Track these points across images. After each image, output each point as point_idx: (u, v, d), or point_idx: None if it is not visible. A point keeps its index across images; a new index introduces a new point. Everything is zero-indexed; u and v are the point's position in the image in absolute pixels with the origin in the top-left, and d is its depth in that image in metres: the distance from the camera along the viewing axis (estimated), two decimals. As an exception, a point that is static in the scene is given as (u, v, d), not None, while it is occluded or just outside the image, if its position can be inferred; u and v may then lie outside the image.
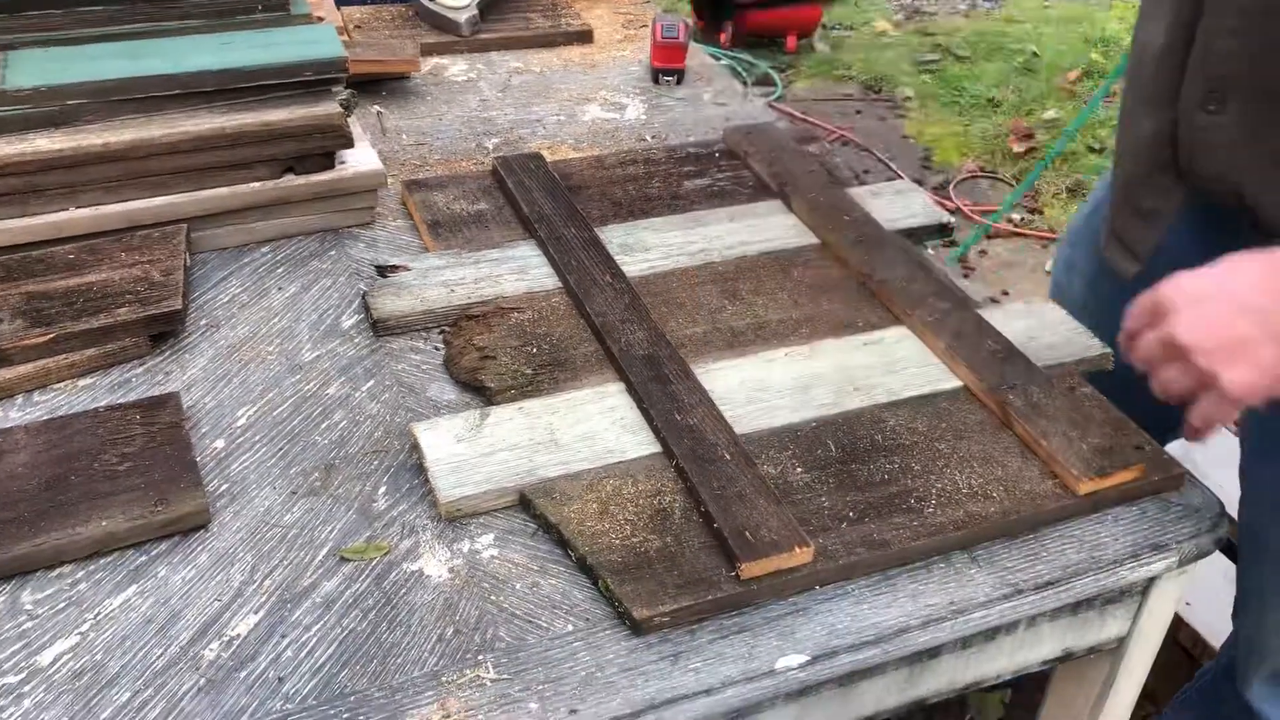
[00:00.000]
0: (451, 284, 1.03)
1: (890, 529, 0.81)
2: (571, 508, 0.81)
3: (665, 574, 0.76)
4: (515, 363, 0.95)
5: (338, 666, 0.73)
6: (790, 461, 0.87)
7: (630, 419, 0.89)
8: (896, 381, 0.95)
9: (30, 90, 1.03)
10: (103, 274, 1.00)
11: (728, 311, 1.03)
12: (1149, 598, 0.88)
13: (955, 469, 0.87)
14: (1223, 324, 0.76)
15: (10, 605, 0.76)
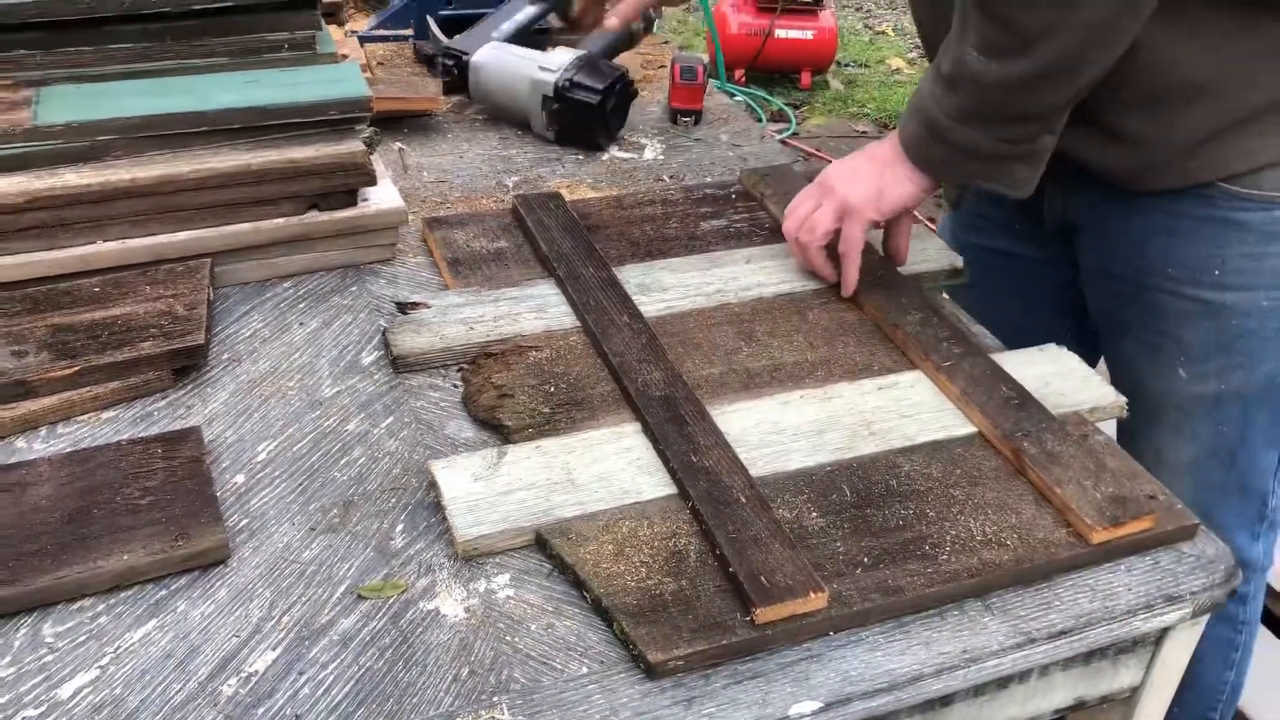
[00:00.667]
0: (471, 321, 1.04)
1: (905, 575, 0.82)
2: (587, 549, 0.82)
3: (680, 617, 0.77)
4: (533, 401, 0.96)
5: (354, 705, 0.73)
6: (805, 505, 0.87)
7: (646, 459, 0.90)
8: (911, 426, 0.96)
9: (61, 126, 1.04)
10: (127, 307, 1.02)
11: (744, 353, 1.04)
12: (1162, 648, 0.88)
13: (969, 516, 0.87)
14: (851, 167, 1.10)
15: (32, 638, 0.77)
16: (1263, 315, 1.12)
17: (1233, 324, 1.13)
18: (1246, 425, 1.19)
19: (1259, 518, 1.27)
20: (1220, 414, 1.18)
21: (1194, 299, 1.14)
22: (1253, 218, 1.08)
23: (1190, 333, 1.16)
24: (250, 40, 1.18)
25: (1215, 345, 1.15)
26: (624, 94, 1.39)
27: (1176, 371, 1.17)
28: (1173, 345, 1.17)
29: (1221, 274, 1.11)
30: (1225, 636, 1.35)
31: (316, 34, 1.21)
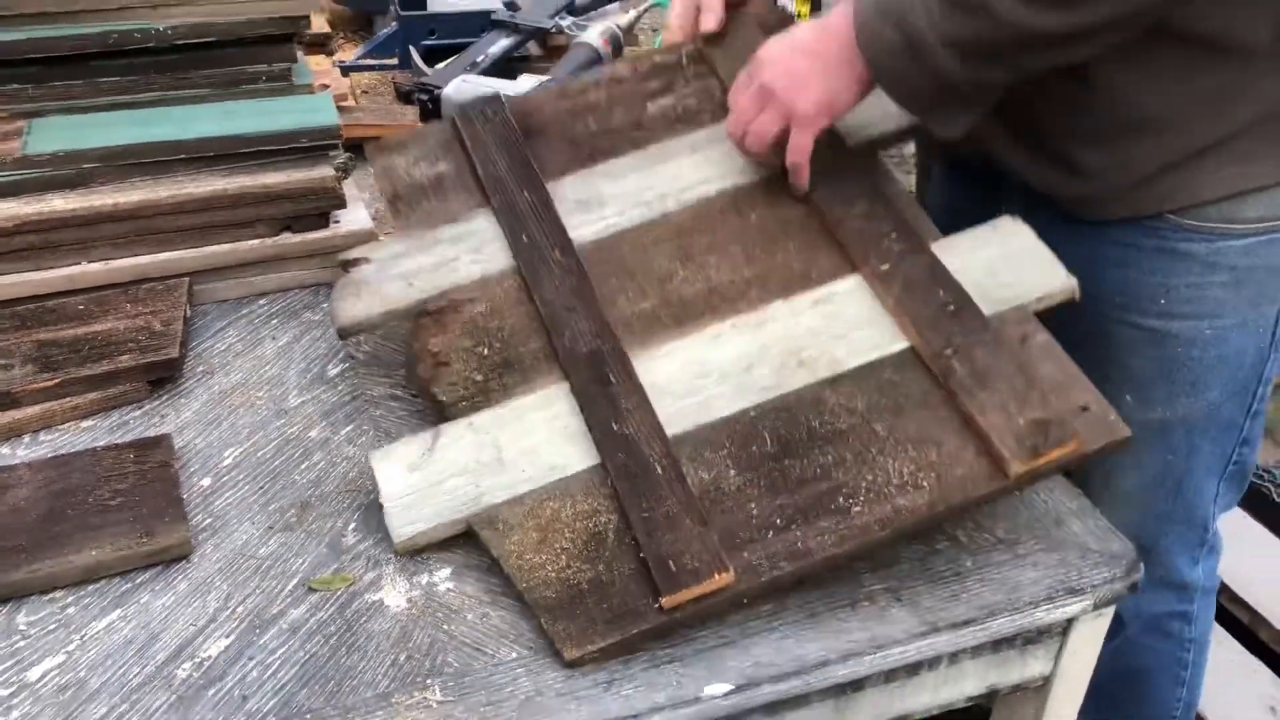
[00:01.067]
0: (409, 276, 1.03)
1: (815, 535, 0.85)
2: (512, 539, 0.86)
3: (595, 607, 0.82)
4: (467, 368, 0.98)
5: (298, 686, 0.80)
6: (724, 463, 0.90)
7: (572, 427, 0.92)
8: (842, 349, 0.95)
9: (49, 155, 1.12)
10: (108, 323, 1.09)
11: (678, 278, 1.01)
12: (1069, 639, 0.93)
13: (889, 455, 0.89)
14: (792, 67, 1.02)
15: (6, 625, 0.83)
16: (1206, 343, 1.14)
17: (1178, 352, 1.15)
18: (1191, 453, 1.21)
19: (1200, 543, 1.30)
20: (1166, 442, 1.20)
21: (1140, 327, 1.15)
22: (1197, 248, 1.10)
23: (1137, 360, 1.18)
24: (230, 73, 1.25)
25: (1161, 373, 1.17)
26: (587, 120, 1.46)
27: (1124, 399, 1.18)
28: (1120, 373, 1.19)
29: (1167, 303, 1.13)
30: (1174, 655, 1.38)
31: (293, 66, 1.28)
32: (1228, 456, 1.23)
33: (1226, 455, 1.23)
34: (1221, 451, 1.23)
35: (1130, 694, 1.41)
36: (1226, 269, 1.09)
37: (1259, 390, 1.18)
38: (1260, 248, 1.08)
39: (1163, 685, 1.41)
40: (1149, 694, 1.41)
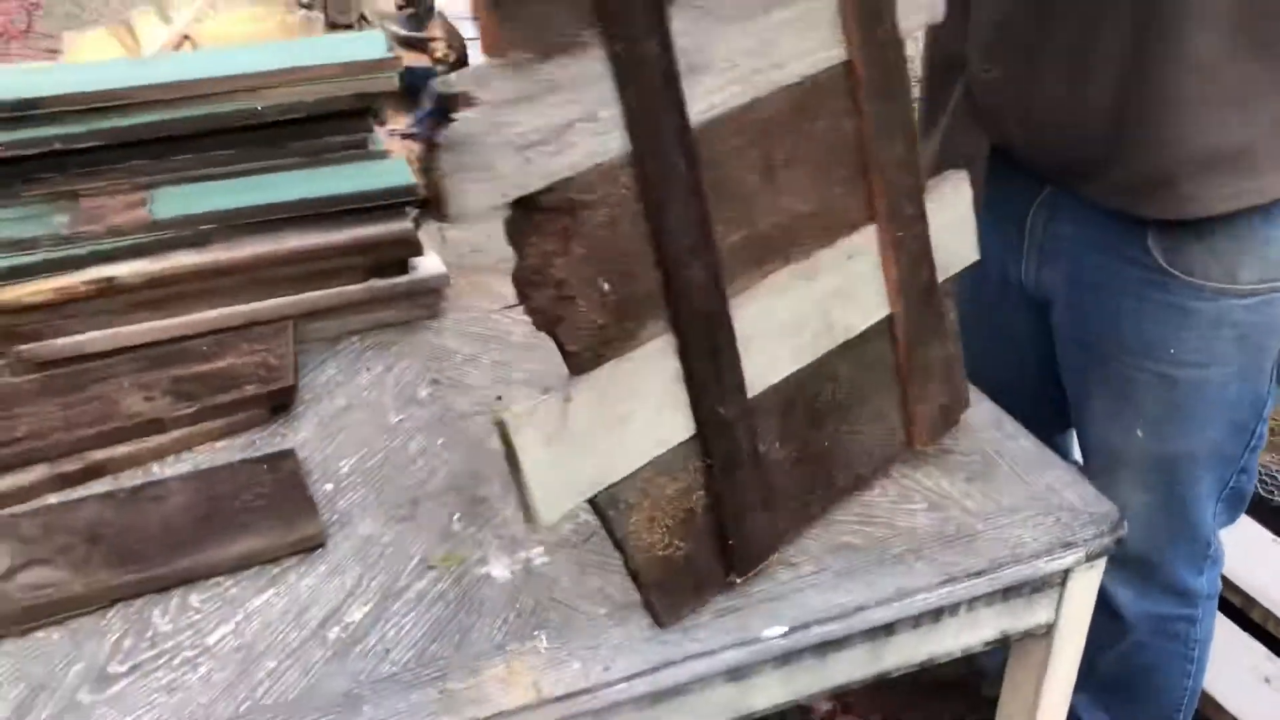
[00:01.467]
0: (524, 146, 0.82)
1: (819, 504, 1.04)
2: (632, 520, 0.92)
3: (685, 581, 0.96)
4: (590, 308, 0.87)
5: (429, 641, 0.96)
6: (774, 432, 0.98)
7: (677, 394, 0.91)
8: (853, 314, 1.01)
9: (171, 219, 1.31)
10: (230, 360, 1.27)
11: (759, 201, 0.95)
12: (1067, 588, 1.10)
13: (861, 430, 1.05)
14: None
15: (181, 604, 1.00)
16: (1211, 388, 1.28)
17: (1184, 395, 1.29)
18: (1194, 482, 1.36)
19: (1202, 556, 1.45)
20: (1173, 473, 1.35)
21: (1153, 372, 1.29)
22: (1205, 306, 1.24)
23: (1148, 401, 1.31)
24: (316, 144, 1.44)
25: (1170, 413, 1.31)
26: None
27: (1135, 433, 1.32)
28: (1132, 411, 1.32)
29: (1177, 353, 1.26)
30: (1180, 653, 1.53)
31: (368, 136, 1.48)
32: (1225, 483, 1.38)
33: (1224, 483, 1.38)
34: (1220, 479, 1.37)
35: (1140, 686, 1.55)
36: (1229, 325, 1.24)
37: (1258, 428, 1.33)
38: (1261, 307, 1.23)
39: (1172, 679, 1.55)
40: (1160, 685, 1.55)
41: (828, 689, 1.05)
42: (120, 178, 1.37)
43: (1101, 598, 1.45)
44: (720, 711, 1.01)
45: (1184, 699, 1.58)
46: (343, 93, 1.42)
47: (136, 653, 0.95)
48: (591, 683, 0.92)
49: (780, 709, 1.04)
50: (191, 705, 0.90)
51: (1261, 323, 1.26)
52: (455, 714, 0.90)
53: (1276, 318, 1.26)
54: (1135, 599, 1.48)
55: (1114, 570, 1.43)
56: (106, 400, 1.20)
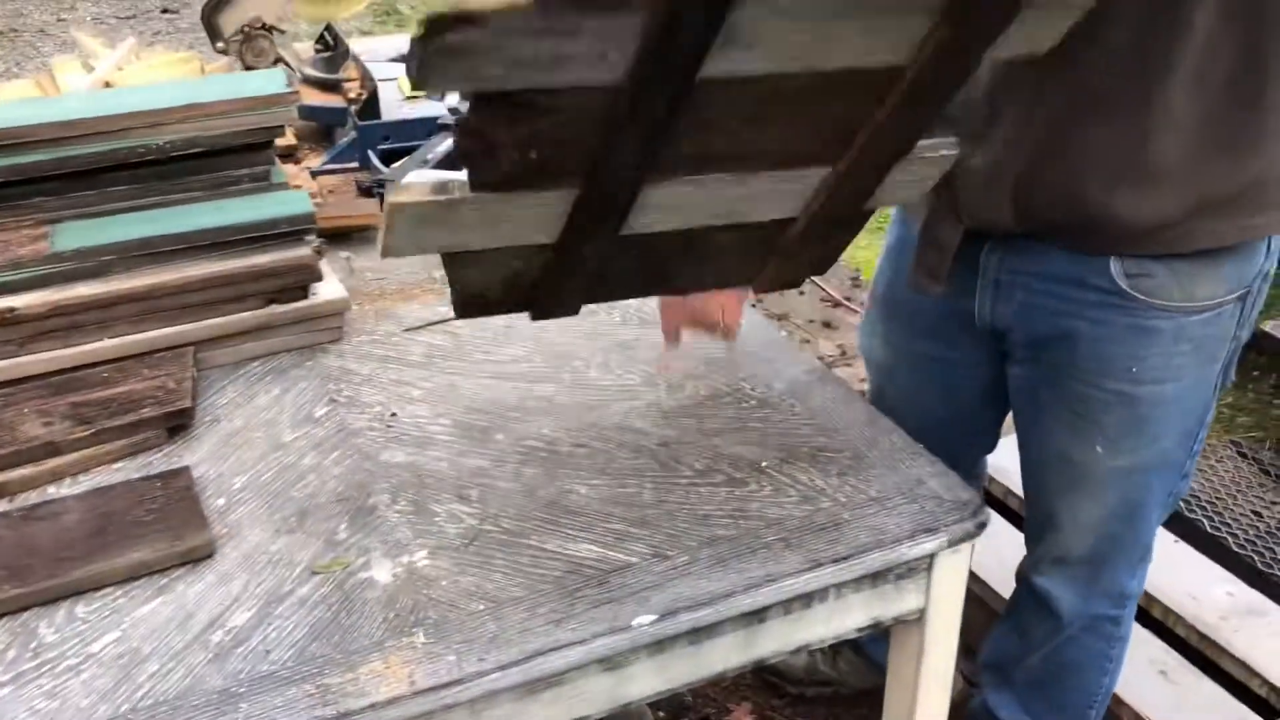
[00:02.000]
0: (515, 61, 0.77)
1: None
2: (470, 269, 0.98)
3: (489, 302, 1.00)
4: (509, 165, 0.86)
5: (309, 641, 0.99)
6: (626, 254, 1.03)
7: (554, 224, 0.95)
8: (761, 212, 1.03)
9: (72, 251, 1.34)
10: (129, 385, 1.30)
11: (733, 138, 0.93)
12: (934, 574, 1.15)
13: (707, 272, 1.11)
14: None
15: (68, 615, 1.03)
16: (1169, 402, 1.32)
17: (1144, 411, 1.31)
18: (1146, 490, 1.41)
19: (1141, 559, 1.51)
20: (1129, 483, 1.39)
21: (1113, 391, 1.30)
22: (1165, 325, 1.25)
23: (1108, 418, 1.32)
24: (218, 177, 1.48)
25: (1130, 428, 1.33)
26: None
27: (1094, 449, 1.35)
28: (1091, 427, 1.34)
29: (1139, 371, 1.28)
30: (1102, 650, 1.58)
31: (270, 169, 1.52)
32: (1170, 489, 1.43)
33: (1169, 488, 1.43)
34: (1167, 486, 1.42)
35: (1060, 685, 1.61)
36: (1188, 340, 1.27)
37: (1199, 433, 1.39)
38: (1214, 320, 1.27)
39: (1090, 676, 1.61)
40: (1078, 684, 1.61)
41: (704, 677, 1.09)
42: (22, 213, 1.41)
43: (1043, 599, 1.52)
44: (598, 702, 1.04)
45: (1099, 695, 1.63)
46: (242, 127, 1.47)
47: (19, 663, 0.98)
48: (465, 673, 0.96)
49: (661, 697, 1.08)
50: (70, 710, 0.93)
51: (1213, 335, 1.29)
52: (331, 708, 0.93)
53: (1226, 328, 1.30)
54: (1076, 601, 1.52)
55: (1058, 574, 1.50)
56: (4, 426, 1.23)
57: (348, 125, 2.04)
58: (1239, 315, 1.30)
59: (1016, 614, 1.63)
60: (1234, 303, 1.28)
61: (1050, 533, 1.48)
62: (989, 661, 1.72)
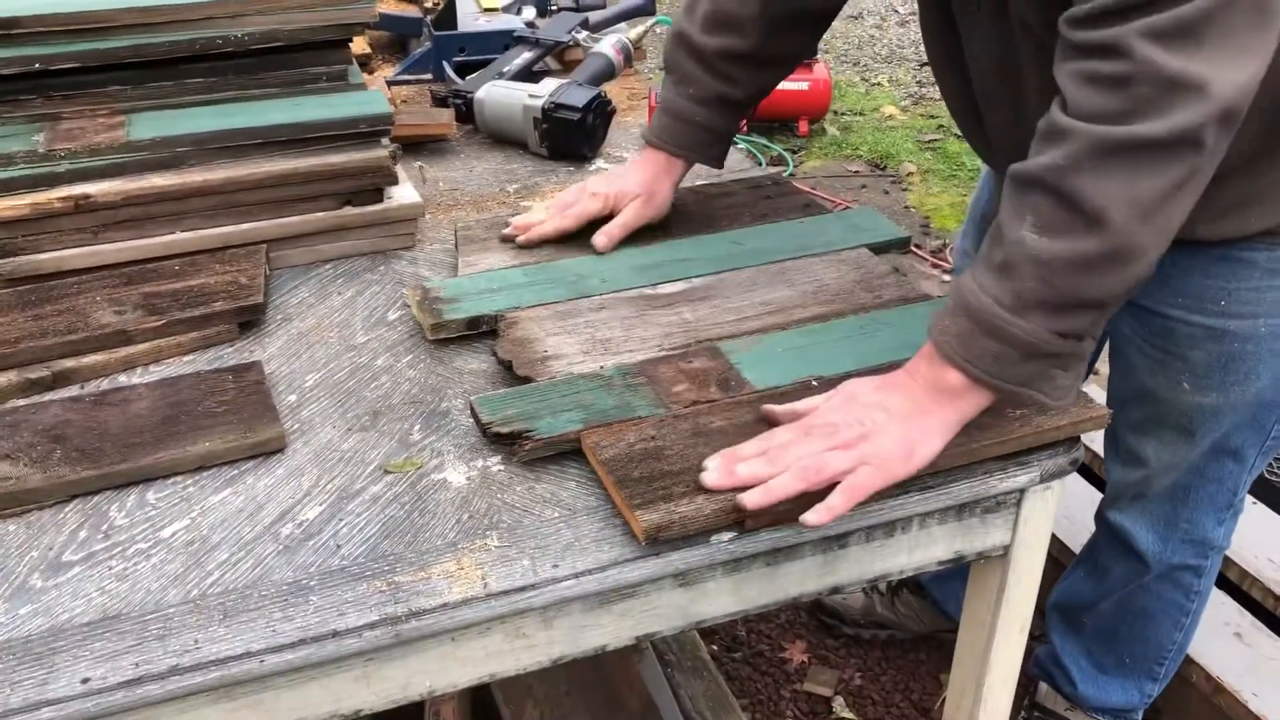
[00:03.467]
0: None
1: None
2: None
3: None
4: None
5: (381, 538, 0.97)
6: None
7: None
8: None
9: (148, 141, 1.32)
10: (202, 279, 1.28)
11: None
12: (1022, 509, 1.10)
13: None
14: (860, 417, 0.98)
15: (139, 500, 1.01)
16: (1260, 339, 1.27)
17: (1234, 347, 1.27)
18: (1236, 433, 1.36)
19: (1227, 506, 1.45)
20: (1217, 421, 1.35)
21: (1201, 325, 1.27)
22: (1259, 256, 1.22)
23: (1195, 353, 1.29)
24: (295, 74, 1.45)
25: (1218, 364, 1.29)
26: (602, 111, 1.65)
27: (1181, 385, 1.32)
28: (1178, 363, 1.31)
29: (1228, 304, 1.25)
30: (1178, 602, 1.54)
31: (348, 68, 1.48)
32: (1267, 433, 1.37)
33: (1266, 431, 1.37)
34: (1262, 427, 1.36)
35: (1130, 633, 1.56)
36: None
37: None
38: None
39: (1163, 628, 1.56)
40: (1149, 635, 1.56)
41: (779, 600, 1.06)
42: (99, 100, 1.38)
43: (1123, 538, 1.49)
44: (670, 618, 1.01)
45: (1170, 651, 1.58)
46: (323, 22, 1.43)
47: (91, 543, 0.96)
48: (539, 579, 0.93)
49: (734, 618, 1.05)
50: (141, 592, 0.91)
51: None
52: (403, 605, 0.90)
53: None
54: (1155, 542, 1.48)
55: (1136, 511, 1.47)
56: (77, 312, 1.21)
57: (423, 36, 1.99)
58: None
59: (1093, 555, 1.59)
60: None
61: (1131, 470, 1.44)
62: (1058, 603, 1.68)
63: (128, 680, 0.84)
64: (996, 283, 0.94)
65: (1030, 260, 0.92)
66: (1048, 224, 0.91)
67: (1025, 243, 0.92)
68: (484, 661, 0.97)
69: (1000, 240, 0.95)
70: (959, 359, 0.96)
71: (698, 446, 1.02)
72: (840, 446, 0.96)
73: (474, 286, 1.28)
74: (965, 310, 0.96)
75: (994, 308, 0.94)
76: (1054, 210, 0.91)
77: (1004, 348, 0.95)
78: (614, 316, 1.23)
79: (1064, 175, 0.90)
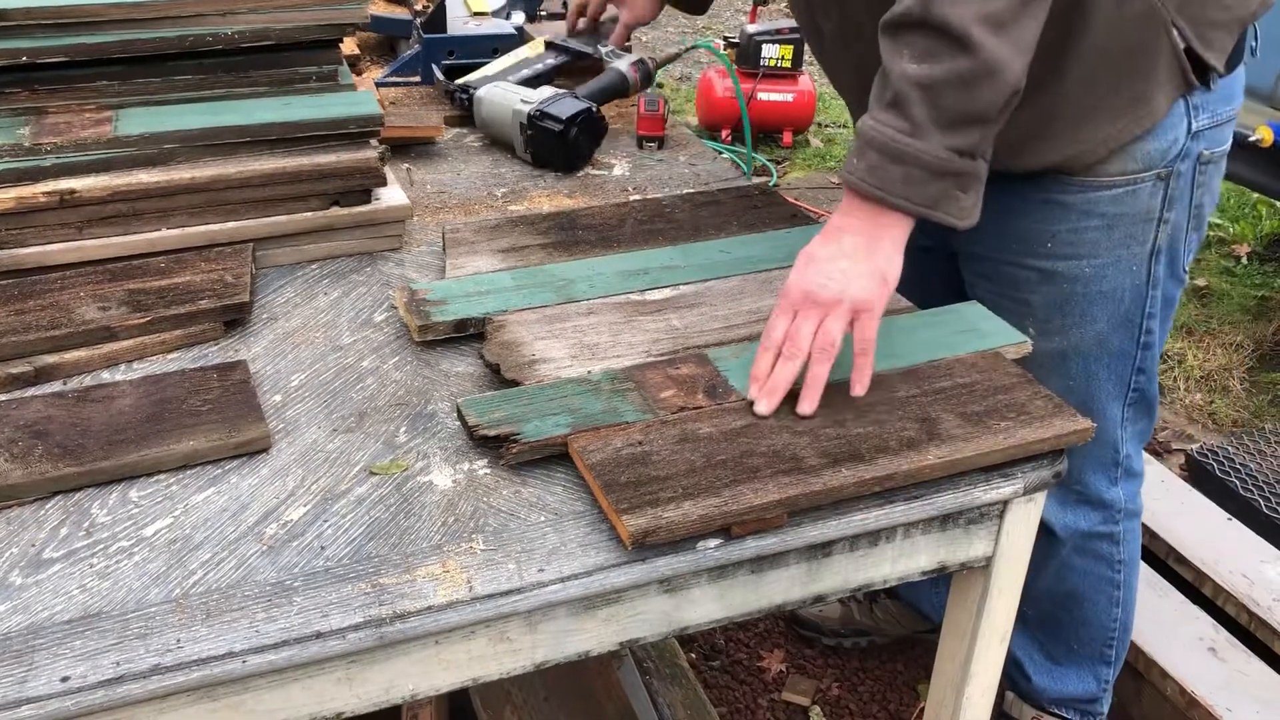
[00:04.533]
0: None
1: None
2: None
3: None
4: None
5: (366, 540, 0.97)
6: None
7: None
8: None
9: (136, 136, 1.31)
10: (187, 277, 1.27)
11: None
12: (1005, 521, 1.11)
13: None
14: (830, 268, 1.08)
15: (121, 498, 1.01)
16: (1087, 280, 1.36)
17: (1064, 288, 1.37)
18: (1089, 378, 1.42)
19: (1113, 463, 1.50)
20: (1066, 368, 1.42)
21: (1033, 268, 1.38)
22: (1072, 199, 1.33)
23: (1034, 296, 1.39)
24: (285, 73, 1.45)
25: (1054, 306, 1.38)
26: (591, 125, 1.64)
27: (1027, 331, 1.37)
28: (1023, 309, 1.40)
29: (1052, 245, 1.35)
30: (1105, 576, 1.56)
31: (338, 69, 1.48)
32: (1126, 383, 1.43)
33: (1125, 382, 1.43)
34: (1119, 378, 1.43)
35: (1070, 617, 1.58)
36: (1098, 215, 1.32)
37: (1143, 323, 1.39)
38: (1125, 197, 1.31)
39: (1099, 606, 1.59)
40: (1087, 616, 1.59)
41: (763, 608, 1.06)
42: (87, 95, 1.37)
43: None
44: (655, 624, 1.01)
45: (1114, 632, 1.60)
46: (314, 21, 1.43)
47: (72, 541, 0.96)
48: (524, 583, 0.93)
49: (717, 625, 1.05)
50: (123, 590, 0.91)
51: (1128, 213, 1.33)
52: (387, 607, 0.90)
53: (1146, 207, 1.33)
54: (1056, 509, 1.52)
55: (1101, 472, 1.50)
56: (60, 308, 1.20)
57: (412, 38, 1.99)
58: (1162, 195, 1.32)
59: None
60: (1151, 181, 1.31)
61: None
62: None
63: (108, 679, 0.83)
64: (892, 117, 1.06)
65: (915, 86, 1.04)
66: (922, 52, 1.04)
67: (908, 74, 1.05)
68: (467, 665, 0.96)
69: (886, 80, 1.07)
70: (873, 189, 1.07)
71: (684, 452, 1.02)
72: (830, 309, 1.07)
73: (461, 289, 1.28)
74: (870, 144, 1.07)
75: (895, 134, 1.05)
76: (925, 39, 1.04)
77: (909, 169, 1.06)
78: (602, 321, 1.23)
79: (928, 7, 1.03)
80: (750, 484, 0.99)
